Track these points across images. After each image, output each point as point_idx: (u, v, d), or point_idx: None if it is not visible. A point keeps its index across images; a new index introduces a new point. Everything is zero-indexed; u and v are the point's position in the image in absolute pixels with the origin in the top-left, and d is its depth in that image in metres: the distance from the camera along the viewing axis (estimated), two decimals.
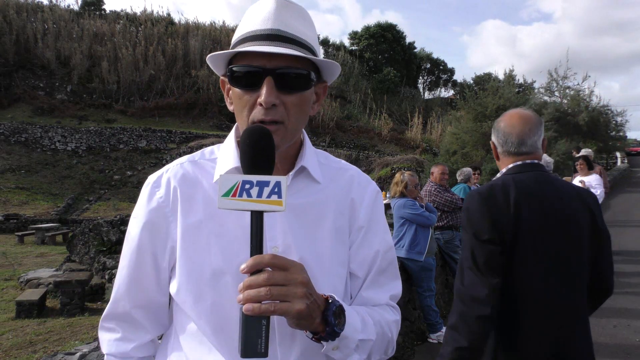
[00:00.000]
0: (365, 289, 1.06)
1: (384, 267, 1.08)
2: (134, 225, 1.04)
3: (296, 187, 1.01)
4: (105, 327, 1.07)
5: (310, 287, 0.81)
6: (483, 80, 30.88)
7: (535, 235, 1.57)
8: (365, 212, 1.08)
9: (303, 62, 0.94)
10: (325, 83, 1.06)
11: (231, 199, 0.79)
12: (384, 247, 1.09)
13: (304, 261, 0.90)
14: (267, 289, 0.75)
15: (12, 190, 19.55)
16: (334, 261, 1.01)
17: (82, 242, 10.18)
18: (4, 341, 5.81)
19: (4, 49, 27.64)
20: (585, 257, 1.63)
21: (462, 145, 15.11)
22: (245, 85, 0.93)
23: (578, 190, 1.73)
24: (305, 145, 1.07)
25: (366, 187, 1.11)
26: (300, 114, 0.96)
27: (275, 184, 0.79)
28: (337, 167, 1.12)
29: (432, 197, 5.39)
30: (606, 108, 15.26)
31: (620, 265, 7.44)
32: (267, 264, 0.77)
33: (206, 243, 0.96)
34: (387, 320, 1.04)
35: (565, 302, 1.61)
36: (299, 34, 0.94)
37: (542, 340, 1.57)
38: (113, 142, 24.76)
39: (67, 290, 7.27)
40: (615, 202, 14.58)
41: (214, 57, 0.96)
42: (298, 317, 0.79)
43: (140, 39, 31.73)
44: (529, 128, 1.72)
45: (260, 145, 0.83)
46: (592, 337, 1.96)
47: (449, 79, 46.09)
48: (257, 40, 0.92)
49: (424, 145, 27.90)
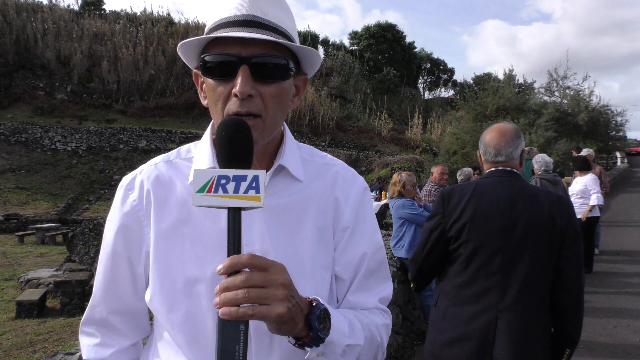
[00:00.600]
0: (352, 293, 1.00)
1: (372, 269, 1.01)
2: (108, 229, 0.99)
3: (275, 187, 0.95)
4: (84, 332, 1.03)
5: (291, 289, 0.75)
6: (483, 80, 30.88)
7: (472, 227, 1.93)
8: (351, 211, 1.00)
9: (281, 51, 0.88)
10: (306, 75, 1.00)
11: (206, 195, 0.73)
12: (371, 248, 1.02)
13: None
14: (245, 291, 0.69)
15: (12, 190, 19.55)
16: (316, 264, 0.94)
17: (82, 242, 10.18)
18: (4, 341, 5.81)
19: (4, 49, 27.64)
20: (527, 254, 1.87)
21: (462, 145, 15.10)
22: (218, 75, 0.87)
23: (543, 196, 1.94)
24: (286, 140, 1.00)
25: (352, 184, 1.03)
26: (278, 106, 0.90)
27: (253, 179, 0.73)
28: (322, 162, 1.05)
29: (432, 198, 5.39)
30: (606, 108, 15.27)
31: (620, 265, 7.44)
32: (245, 264, 0.71)
33: (180, 249, 0.91)
34: (376, 324, 0.98)
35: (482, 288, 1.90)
36: (276, 21, 0.88)
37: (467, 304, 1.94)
38: (113, 142, 24.76)
39: (67, 290, 7.28)
40: (615, 202, 14.58)
41: (185, 46, 0.90)
42: (278, 322, 0.72)
43: (140, 39, 31.74)
44: (505, 141, 2.04)
45: (238, 138, 0.78)
46: (592, 337, 2.00)
47: (449, 79, 46.08)
48: (230, 27, 0.86)
49: (424, 145, 27.90)
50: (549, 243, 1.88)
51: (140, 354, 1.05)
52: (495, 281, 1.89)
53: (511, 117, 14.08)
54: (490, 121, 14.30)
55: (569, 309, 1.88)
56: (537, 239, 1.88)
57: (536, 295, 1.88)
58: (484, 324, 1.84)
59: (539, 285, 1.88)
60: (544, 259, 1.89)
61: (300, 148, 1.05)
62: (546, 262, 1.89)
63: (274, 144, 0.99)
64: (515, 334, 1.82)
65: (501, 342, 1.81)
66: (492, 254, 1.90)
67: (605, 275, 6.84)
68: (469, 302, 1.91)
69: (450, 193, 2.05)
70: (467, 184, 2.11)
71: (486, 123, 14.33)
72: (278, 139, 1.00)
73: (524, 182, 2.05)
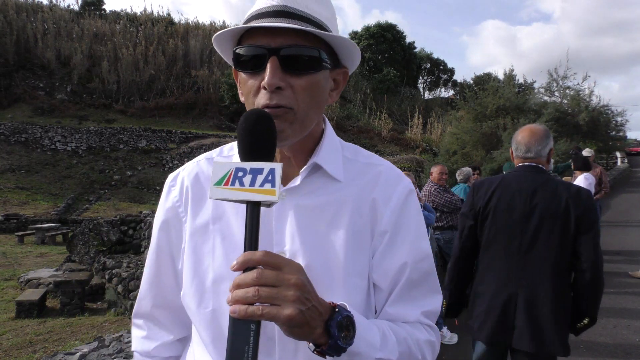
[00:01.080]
0: (390, 304, 0.92)
1: (415, 279, 0.92)
2: (155, 223, 1.01)
3: (310, 186, 0.91)
4: (134, 324, 1.07)
5: (305, 290, 0.70)
6: (483, 80, 30.87)
7: (495, 214, 2.26)
8: (391, 214, 0.92)
9: (313, 41, 0.83)
10: (346, 69, 0.95)
11: (223, 187, 0.72)
12: (414, 257, 0.92)
13: (311, 269, 0.82)
14: (255, 289, 0.67)
15: (12, 190, 19.55)
16: (349, 270, 0.88)
17: (82, 242, 10.18)
18: (4, 341, 5.81)
19: (4, 49, 27.65)
20: (543, 239, 2.16)
21: (462, 145, 15.08)
22: (249, 67, 0.84)
23: (563, 188, 2.20)
24: (325, 138, 0.95)
25: (395, 186, 0.95)
26: (311, 99, 0.85)
27: (269, 172, 0.71)
28: (366, 162, 0.98)
29: (432, 198, 5.39)
30: (606, 108, 15.25)
31: (620, 265, 7.44)
32: (259, 261, 0.69)
33: (211, 246, 0.90)
34: (417, 339, 0.89)
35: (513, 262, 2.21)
36: (309, 11, 0.84)
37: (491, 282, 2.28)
38: (113, 142, 24.76)
39: (67, 290, 7.27)
40: (615, 202, 14.58)
41: (218, 40, 0.88)
42: (289, 324, 0.68)
43: (140, 39, 31.76)
44: (535, 140, 2.30)
45: (257, 129, 0.75)
46: (592, 337, 2.07)
47: (449, 79, 46.07)
48: (262, 18, 0.83)
49: (424, 145, 27.89)
50: (564, 229, 2.14)
51: (182, 352, 1.05)
52: (514, 262, 2.21)
53: (511, 117, 14.06)
54: (490, 121, 14.31)
55: (586, 288, 2.13)
56: (552, 225, 2.16)
57: (552, 274, 2.15)
58: (506, 299, 2.18)
59: (554, 265, 2.15)
60: (559, 243, 2.15)
61: (344, 147, 1.00)
62: (562, 246, 2.15)
63: (312, 142, 0.94)
64: (532, 307, 2.13)
65: (521, 314, 2.15)
66: (512, 238, 2.22)
67: (605, 275, 6.82)
68: (493, 281, 2.25)
69: (480, 184, 2.40)
70: (495, 177, 2.42)
71: (486, 123, 14.32)
72: (317, 136, 0.95)
73: (548, 176, 2.29)
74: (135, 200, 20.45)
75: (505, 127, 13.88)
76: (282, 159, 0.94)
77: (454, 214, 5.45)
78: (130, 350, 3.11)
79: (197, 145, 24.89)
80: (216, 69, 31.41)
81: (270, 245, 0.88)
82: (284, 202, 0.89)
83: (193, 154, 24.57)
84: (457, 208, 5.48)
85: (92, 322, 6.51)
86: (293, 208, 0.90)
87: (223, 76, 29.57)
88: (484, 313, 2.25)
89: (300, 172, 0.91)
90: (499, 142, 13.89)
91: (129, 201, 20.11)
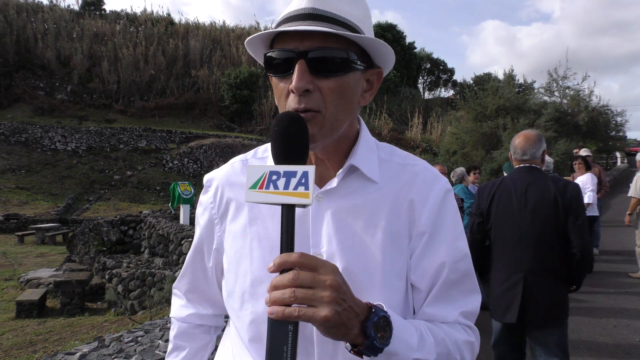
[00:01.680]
0: (429, 304, 0.92)
1: (453, 280, 0.92)
2: (196, 218, 1.07)
3: (347, 187, 0.91)
4: (174, 293, 1.17)
5: (341, 291, 0.71)
6: (483, 80, 30.87)
7: (497, 211, 2.74)
8: (429, 215, 0.92)
9: (342, 43, 0.83)
10: (380, 69, 0.93)
11: (258, 191, 0.74)
12: (452, 257, 0.92)
13: (348, 271, 0.83)
14: (291, 290, 0.68)
15: (12, 190, 19.56)
16: (387, 271, 0.88)
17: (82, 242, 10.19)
18: (4, 341, 5.82)
19: (4, 49, 27.64)
20: (538, 227, 2.57)
21: (462, 145, 15.10)
22: (279, 71, 0.85)
23: (551, 182, 2.59)
24: (360, 139, 0.95)
25: (432, 186, 0.95)
26: (340, 101, 0.85)
27: (303, 174, 0.72)
28: (402, 163, 0.98)
29: None
30: (606, 108, 15.25)
31: (620, 265, 7.45)
32: (295, 262, 0.70)
33: (249, 249, 0.91)
34: (455, 339, 0.88)
35: (516, 250, 2.64)
36: (338, 12, 0.83)
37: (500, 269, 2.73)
38: (113, 142, 24.75)
39: (67, 290, 7.28)
40: (615, 202, 14.57)
41: (250, 45, 0.89)
42: (325, 325, 0.69)
43: (140, 39, 31.75)
44: (529, 144, 2.70)
45: (289, 132, 0.75)
46: (592, 337, 2.16)
47: (449, 79, 46.07)
48: (291, 22, 0.83)
49: (424, 145, 27.90)
50: (555, 217, 2.53)
51: (217, 324, 1.16)
52: (518, 250, 2.62)
53: (511, 117, 14.06)
54: (490, 121, 14.31)
55: (576, 266, 2.54)
56: (544, 215, 2.55)
57: (550, 256, 2.56)
58: (516, 282, 2.60)
59: (551, 249, 2.55)
60: (553, 230, 2.54)
61: (380, 147, 0.99)
62: (555, 232, 2.54)
63: (346, 143, 0.94)
64: (538, 287, 2.55)
65: (529, 294, 2.56)
66: (512, 230, 2.65)
67: (605, 275, 6.84)
68: (502, 268, 2.70)
69: (483, 188, 2.91)
70: (496, 179, 2.86)
71: (486, 123, 14.33)
72: (352, 137, 0.95)
73: (540, 173, 2.67)
74: (135, 200, 20.46)
75: (505, 127, 13.89)
76: (316, 162, 0.94)
77: None
78: (130, 350, 3.12)
79: (197, 145, 24.89)
80: (216, 69, 31.42)
81: (307, 247, 0.88)
82: (321, 204, 0.90)
83: (193, 154, 24.57)
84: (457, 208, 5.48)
85: (92, 322, 6.52)
86: (330, 210, 0.90)
87: (223, 76, 29.57)
88: (497, 296, 2.70)
89: (337, 174, 0.91)
90: (499, 142, 13.90)
91: (129, 201, 20.12)
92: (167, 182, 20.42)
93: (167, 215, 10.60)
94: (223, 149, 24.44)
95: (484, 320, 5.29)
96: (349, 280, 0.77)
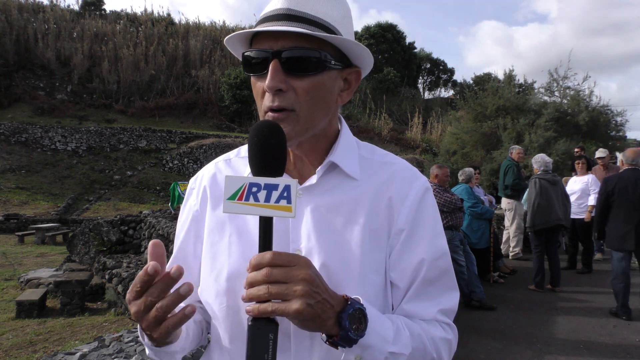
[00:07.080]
0: (407, 301, 0.92)
1: (432, 277, 0.92)
2: (180, 215, 1.06)
3: (327, 184, 0.92)
4: None
5: (314, 284, 0.72)
6: (483, 80, 30.86)
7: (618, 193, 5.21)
8: (408, 212, 0.92)
9: (317, 43, 0.84)
10: (358, 69, 0.94)
11: (237, 202, 0.73)
12: (431, 254, 0.93)
13: (327, 266, 0.84)
14: (266, 286, 0.70)
15: (12, 190, 19.55)
16: (365, 267, 0.88)
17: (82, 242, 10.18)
18: (4, 341, 5.81)
19: (4, 49, 27.64)
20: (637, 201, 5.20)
21: (462, 145, 15.09)
22: (256, 70, 0.87)
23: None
24: (340, 137, 0.96)
25: (411, 184, 0.95)
26: (315, 100, 0.85)
27: (285, 188, 0.72)
28: (382, 161, 0.99)
29: None
30: (606, 108, 15.20)
31: None
32: (268, 263, 0.71)
33: (227, 243, 0.92)
34: (432, 336, 0.89)
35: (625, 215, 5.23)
36: (314, 12, 0.84)
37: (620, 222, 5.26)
38: (113, 142, 24.75)
39: (67, 290, 7.27)
40: None
41: (230, 42, 0.91)
42: (298, 318, 0.71)
43: (140, 39, 31.77)
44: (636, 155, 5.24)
45: (270, 144, 0.75)
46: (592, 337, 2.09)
47: (449, 79, 46.04)
48: (267, 22, 0.85)
49: (424, 145, 27.91)
50: None
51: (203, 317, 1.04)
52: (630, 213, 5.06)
53: (511, 117, 14.06)
54: (489, 121, 14.30)
55: None
56: None
57: None
58: (630, 230, 5.05)
59: None
60: None
61: (360, 146, 1.00)
62: None
63: (326, 142, 0.95)
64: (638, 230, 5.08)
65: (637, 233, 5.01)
66: (626, 201, 5.10)
67: (605, 275, 6.84)
68: (620, 222, 5.14)
69: (610, 178, 5.36)
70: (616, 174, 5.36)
71: (486, 123, 14.32)
72: (332, 136, 0.96)
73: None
74: (135, 200, 20.45)
75: (505, 127, 13.87)
76: (294, 158, 0.95)
77: (454, 213, 5.45)
78: (130, 350, 3.12)
79: (197, 145, 24.90)
80: (216, 69, 31.42)
81: (286, 243, 0.88)
82: (301, 200, 0.90)
83: (193, 154, 24.58)
84: (457, 208, 5.47)
85: (92, 322, 6.52)
86: (310, 206, 0.91)
87: (223, 76, 29.57)
88: (619, 237, 5.11)
89: (316, 170, 0.92)
90: (499, 142, 13.89)
91: (129, 201, 20.11)
92: (167, 182, 20.42)
93: (167, 215, 10.60)
94: (223, 149, 24.42)
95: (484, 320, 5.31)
96: (327, 275, 0.78)
